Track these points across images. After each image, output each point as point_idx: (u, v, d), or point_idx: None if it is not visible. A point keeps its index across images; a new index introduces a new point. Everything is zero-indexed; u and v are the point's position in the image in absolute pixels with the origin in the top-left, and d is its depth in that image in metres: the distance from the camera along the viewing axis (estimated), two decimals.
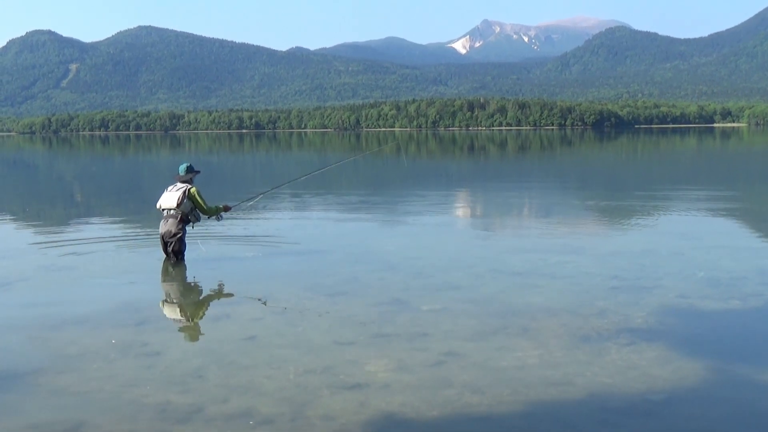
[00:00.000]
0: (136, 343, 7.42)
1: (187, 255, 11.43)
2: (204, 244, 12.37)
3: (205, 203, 11.34)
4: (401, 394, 6.01)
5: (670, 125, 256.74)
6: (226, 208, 11.88)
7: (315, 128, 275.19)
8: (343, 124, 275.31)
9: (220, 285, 10.29)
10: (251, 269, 11.22)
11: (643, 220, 16.90)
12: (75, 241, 14.25)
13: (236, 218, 16.00)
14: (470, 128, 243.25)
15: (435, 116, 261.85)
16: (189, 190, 11.27)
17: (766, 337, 7.66)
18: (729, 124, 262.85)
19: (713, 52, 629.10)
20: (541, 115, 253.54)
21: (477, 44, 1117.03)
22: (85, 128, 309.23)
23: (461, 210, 20.90)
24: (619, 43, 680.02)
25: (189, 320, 8.71)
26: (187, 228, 11.45)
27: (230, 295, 9.79)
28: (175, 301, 9.74)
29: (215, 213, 11.59)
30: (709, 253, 12.09)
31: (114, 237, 14.82)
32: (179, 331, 8.30)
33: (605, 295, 9.14)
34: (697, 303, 8.78)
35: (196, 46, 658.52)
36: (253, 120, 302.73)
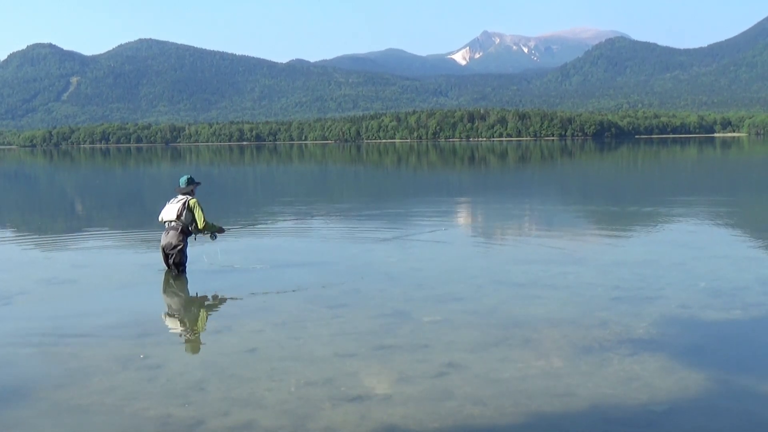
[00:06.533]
0: (137, 356, 7.41)
1: (189, 267, 11.43)
2: (208, 257, 12.34)
3: (204, 216, 11.33)
4: (403, 406, 6.00)
5: (671, 135, 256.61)
6: (221, 230, 11.83)
7: (315, 140, 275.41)
8: (343, 135, 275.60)
9: (221, 297, 10.28)
10: (252, 281, 11.20)
11: (645, 230, 16.89)
12: (76, 253, 14.26)
13: (238, 230, 15.98)
14: (471, 139, 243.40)
15: (435, 127, 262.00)
16: (189, 201, 11.29)
17: None
18: (729, 134, 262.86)
19: (713, 62, 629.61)
20: (541, 125, 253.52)
21: (477, 55, 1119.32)
22: (86, 141, 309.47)
23: (462, 221, 20.91)
24: (618, 54, 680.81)
25: (190, 333, 8.70)
26: (188, 240, 11.46)
27: (231, 307, 9.77)
28: (176, 313, 9.73)
29: (211, 229, 11.53)
30: (711, 263, 12.08)
31: (115, 249, 14.83)
32: (180, 343, 8.29)
33: (607, 306, 9.13)
34: (698, 313, 8.76)
35: (196, 59, 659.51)
36: (254, 132, 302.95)
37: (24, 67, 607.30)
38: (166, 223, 11.32)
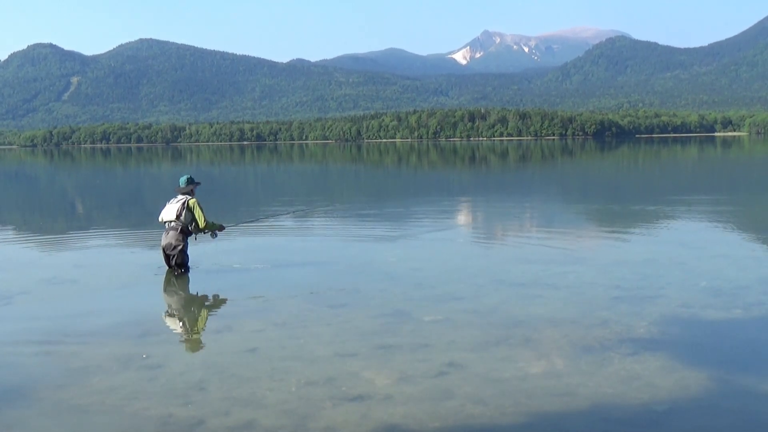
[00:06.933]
0: (137, 355, 7.41)
1: (189, 266, 11.43)
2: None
3: (204, 215, 11.34)
4: (403, 405, 6.00)
5: (671, 135, 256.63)
6: (221, 228, 11.84)
7: (316, 140, 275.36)
8: (344, 135, 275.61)
9: (221, 297, 10.28)
10: (253, 281, 11.20)
11: (645, 229, 16.88)
12: (76, 253, 14.26)
13: (238, 230, 15.99)
14: (471, 139, 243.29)
15: (436, 127, 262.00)
16: (188, 201, 11.30)
17: None
18: (730, 133, 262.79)
19: (713, 61, 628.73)
20: (542, 125, 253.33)
21: (477, 55, 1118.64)
22: (86, 141, 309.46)
23: (462, 220, 20.89)
24: (619, 53, 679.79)
25: (191, 332, 8.70)
26: (188, 240, 11.47)
27: (232, 307, 9.77)
28: (176, 313, 9.73)
29: (211, 228, 11.55)
30: (712, 262, 12.07)
31: (115, 249, 14.82)
32: (181, 343, 8.28)
33: (607, 305, 9.12)
34: (699, 312, 8.76)
35: (197, 59, 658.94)
36: (255, 132, 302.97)
37: (24, 67, 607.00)
38: (166, 224, 11.34)
